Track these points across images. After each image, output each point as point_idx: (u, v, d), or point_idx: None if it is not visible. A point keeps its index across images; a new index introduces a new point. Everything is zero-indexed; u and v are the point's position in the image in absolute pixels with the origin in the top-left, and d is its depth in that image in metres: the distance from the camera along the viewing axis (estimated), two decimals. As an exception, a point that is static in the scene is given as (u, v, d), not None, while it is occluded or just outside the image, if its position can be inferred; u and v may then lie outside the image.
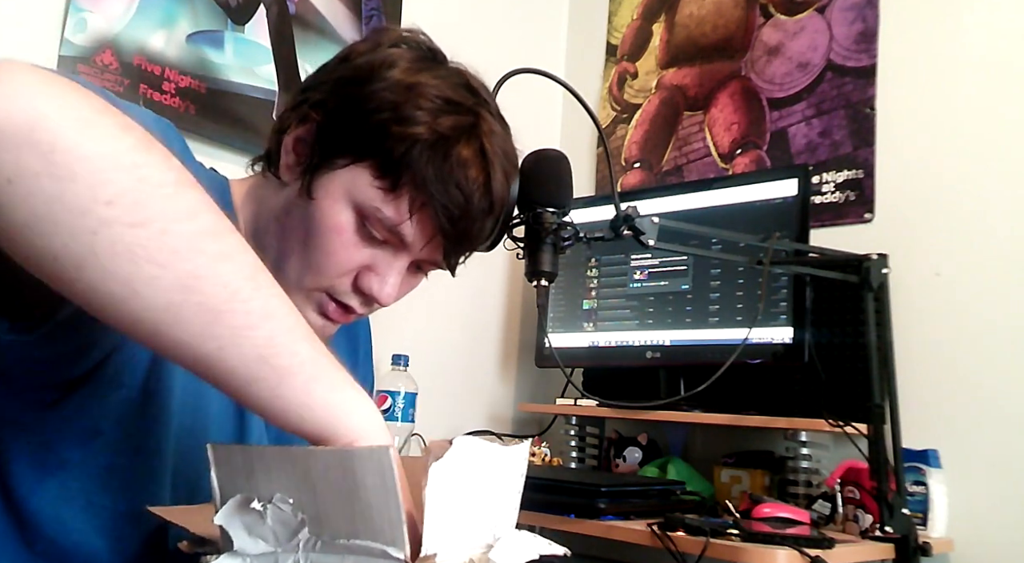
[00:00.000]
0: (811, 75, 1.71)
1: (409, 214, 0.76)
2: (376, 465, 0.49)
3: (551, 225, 0.90)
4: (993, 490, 1.38)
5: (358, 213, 0.77)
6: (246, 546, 0.54)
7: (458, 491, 0.53)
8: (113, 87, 1.33)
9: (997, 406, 1.40)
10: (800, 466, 1.41)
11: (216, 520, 0.54)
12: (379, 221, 0.77)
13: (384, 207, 0.76)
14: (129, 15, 1.36)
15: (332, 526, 0.51)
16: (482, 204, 0.78)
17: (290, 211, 0.79)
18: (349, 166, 0.77)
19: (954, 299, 1.47)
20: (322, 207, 0.77)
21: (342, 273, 0.79)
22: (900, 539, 1.08)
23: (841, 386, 1.41)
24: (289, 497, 0.52)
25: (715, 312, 1.54)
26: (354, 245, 0.78)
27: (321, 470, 0.51)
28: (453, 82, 0.79)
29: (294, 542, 0.52)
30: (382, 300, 0.80)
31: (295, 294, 0.79)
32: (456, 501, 0.53)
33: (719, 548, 1.09)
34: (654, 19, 2.02)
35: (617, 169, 2.00)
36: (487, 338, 1.96)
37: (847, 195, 1.62)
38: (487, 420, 1.91)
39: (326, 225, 0.77)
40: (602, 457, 1.76)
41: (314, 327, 0.82)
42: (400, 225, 0.77)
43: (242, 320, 0.52)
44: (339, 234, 0.77)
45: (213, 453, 0.55)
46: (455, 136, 0.76)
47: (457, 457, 0.52)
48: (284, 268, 0.79)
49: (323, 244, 0.77)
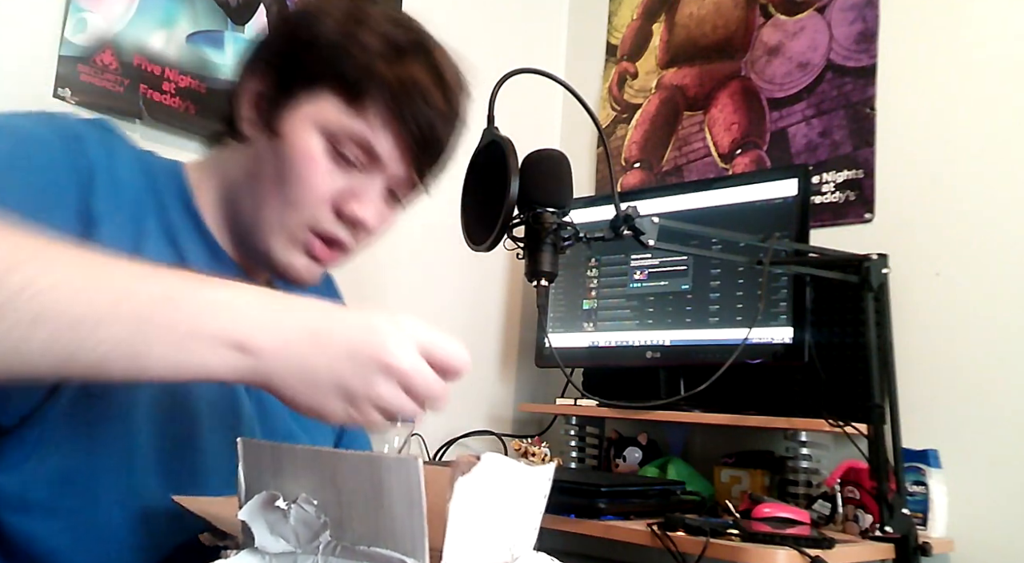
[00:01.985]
0: (811, 75, 1.71)
1: (378, 124, 0.78)
2: (404, 475, 0.49)
3: (551, 225, 0.90)
4: (993, 490, 1.38)
5: (328, 138, 0.79)
6: (267, 544, 0.54)
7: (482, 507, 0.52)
8: (113, 87, 1.33)
9: (997, 406, 1.40)
10: (800, 466, 1.41)
11: (240, 515, 0.54)
12: (349, 139, 0.79)
13: (352, 124, 0.79)
14: (129, 15, 1.36)
15: (354, 531, 0.52)
16: (444, 107, 0.81)
17: (259, 160, 0.81)
18: (310, 96, 0.79)
19: (954, 299, 1.47)
20: (291, 140, 0.79)
21: (322, 201, 0.80)
22: (900, 539, 1.08)
23: (841, 386, 1.41)
24: (314, 498, 0.52)
25: (715, 312, 1.54)
26: (329, 171, 0.80)
27: (348, 474, 0.51)
28: (392, 10, 0.84)
29: (315, 544, 0.53)
30: (368, 223, 0.82)
31: (278, 238, 0.81)
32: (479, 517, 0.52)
33: (719, 548, 1.09)
34: (654, 19, 2.02)
35: (617, 169, 2.00)
36: (487, 338, 1.96)
37: (847, 195, 1.62)
38: (487, 420, 1.91)
39: (297, 155, 0.79)
40: (602, 457, 1.76)
41: (299, 270, 0.84)
42: (370, 138, 0.79)
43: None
44: (311, 161, 0.79)
45: (242, 448, 0.55)
46: (410, 48, 0.80)
47: (484, 473, 0.52)
48: (264, 215, 0.81)
49: (298, 175, 0.79)
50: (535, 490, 0.59)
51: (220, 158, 0.87)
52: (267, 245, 0.82)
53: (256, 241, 0.82)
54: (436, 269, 1.80)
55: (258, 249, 0.83)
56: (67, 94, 1.28)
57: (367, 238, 0.85)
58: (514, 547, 0.56)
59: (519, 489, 0.57)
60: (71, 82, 1.29)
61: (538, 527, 0.59)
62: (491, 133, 0.92)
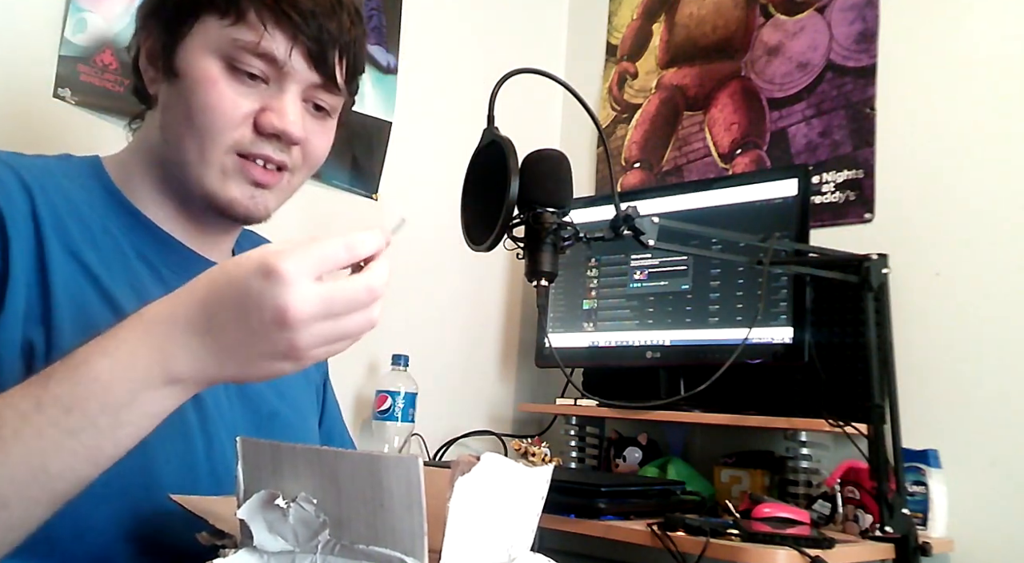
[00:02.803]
0: (811, 75, 1.71)
1: (263, 27, 0.78)
2: (404, 475, 0.49)
3: (551, 225, 0.90)
4: (993, 490, 1.38)
5: (222, 58, 0.79)
6: (265, 543, 0.54)
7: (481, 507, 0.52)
8: (113, 87, 1.33)
9: (997, 406, 1.40)
10: (800, 466, 1.41)
11: (238, 514, 0.54)
12: (243, 50, 0.78)
13: (239, 33, 0.78)
14: (129, 15, 1.36)
15: (353, 530, 0.51)
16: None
17: (167, 108, 0.81)
18: (195, 26, 0.79)
19: (954, 299, 1.47)
20: (188, 74, 0.79)
21: (236, 123, 0.79)
22: (900, 539, 1.08)
23: (841, 386, 1.41)
24: (313, 497, 0.52)
25: (715, 312, 1.54)
26: (234, 91, 0.79)
27: (348, 473, 0.51)
28: None
29: (313, 543, 0.53)
30: (291, 132, 0.80)
31: (209, 172, 0.80)
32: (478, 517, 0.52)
33: (719, 548, 1.09)
34: (654, 19, 2.02)
35: (617, 169, 2.00)
36: (487, 338, 1.96)
37: (847, 195, 1.62)
38: (487, 420, 1.91)
39: (199, 83, 0.78)
40: (602, 457, 1.76)
41: (244, 201, 0.82)
42: (261, 42, 0.78)
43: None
44: (213, 84, 0.78)
45: (241, 447, 0.55)
46: None
47: (484, 473, 0.52)
48: (187, 157, 0.80)
49: (204, 101, 0.78)
50: (533, 491, 0.59)
51: (141, 132, 0.87)
52: (202, 186, 0.80)
53: (192, 187, 0.81)
54: (436, 269, 1.80)
55: (197, 195, 0.81)
56: (67, 94, 1.28)
57: (307, 156, 0.84)
58: (512, 547, 0.56)
59: (518, 490, 0.57)
60: (71, 82, 1.29)
61: (535, 528, 0.59)
62: (491, 133, 0.92)
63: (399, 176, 1.76)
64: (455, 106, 1.85)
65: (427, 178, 1.80)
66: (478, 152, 0.94)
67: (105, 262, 0.77)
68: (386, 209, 1.72)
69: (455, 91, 1.87)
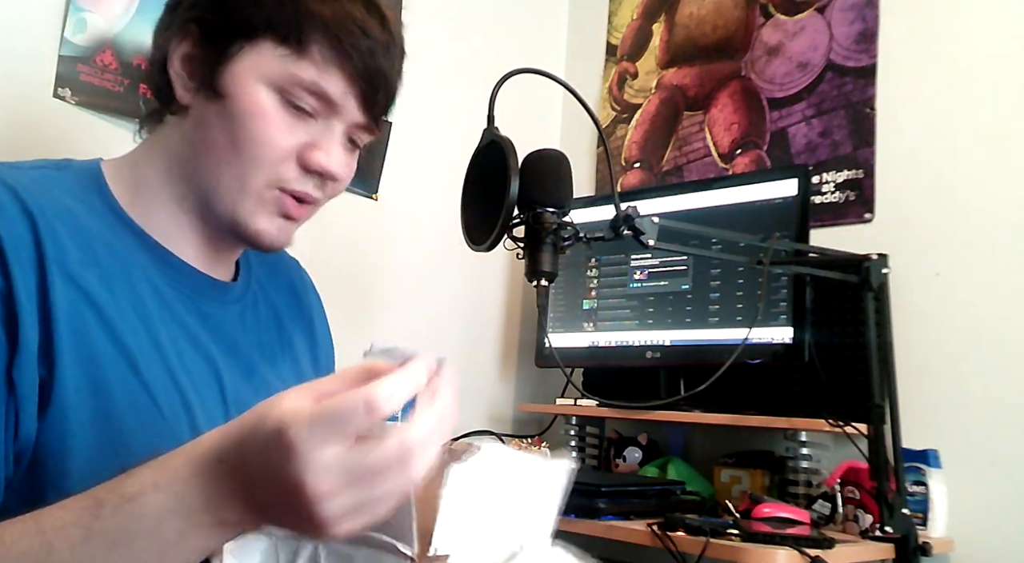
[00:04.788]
0: (811, 75, 1.71)
1: (324, 65, 0.75)
2: None
3: (551, 225, 0.91)
4: (993, 490, 1.38)
5: (277, 90, 0.76)
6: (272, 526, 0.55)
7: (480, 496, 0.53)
8: (113, 87, 1.33)
9: (997, 406, 1.40)
10: (800, 466, 1.41)
11: None
12: (300, 86, 0.76)
13: (299, 70, 0.75)
14: (129, 15, 1.36)
15: None
16: (383, 36, 0.79)
17: (204, 125, 0.77)
18: (247, 48, 0.76)
19: (954, 299, 1.47)
20: (237, 98, 0.75)
21: (283, 157, 0.77)
22: (900, 539, 1.08)
23: (841, 386, 1.41)
24: None
25: (715, 312, 1.54)
26: (285, 125, 0.77)
27: None
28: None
29: None
30: (336, 172, 0.79)
31: (245, 202, 0.77)
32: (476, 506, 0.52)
33: (719, 548, 1.10)
34: (654, 19, 2.02)
35: (617, 169, 2.00)
36: (487, 338, 1.96)
37: (847, 195, 1.62)
38: (487, 420, 1.91)
39: (249, 112, 0.75)
40: (602, 457, 1.76)
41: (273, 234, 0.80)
42: (320, 81, 0.76)
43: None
44: (265, 117, 0.76)
45: None
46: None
47: (481, 462, 0.52)
48: (222, 183, 0.77)
49: (253, 133, 0.76)
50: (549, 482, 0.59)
51: (158, 138, 0.82)
52: (233, 214, 0.78)
53: (219, 212, 0.79)
54: (436, 269, 1.80)
55: (223, 220, 0.79)
56: (67, 94, 1.28)
57: (334, 189, 0.83)
58: (524, 538, 0.56)
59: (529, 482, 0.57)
60: (71, 82, 1.29)
61: (555, 519, 0.59)
62: (491, 133, 0.93)
63: (399, 176, 1.76)
64: (455, 106, 1.85)
65: (427, 178, 1.79)
66: (478, 152, 0.94)
67: (107, 283, 0.73)
68: (386, 209, 1.72)
69: (455, 91, 1.87)
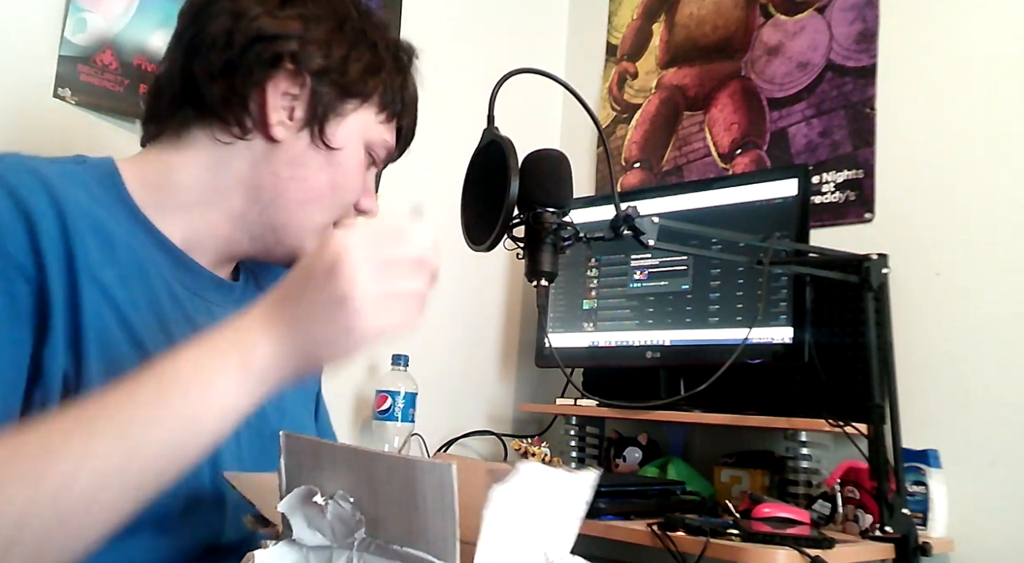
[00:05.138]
0: (811, 75, 1.71)
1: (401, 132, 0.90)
2: (437, 480, 0.50)
3: (551, 225, 0.90)
4: (993, 490, 1.38)
5: (367, 148, 0.88)
6: (304, 537, 0.55)
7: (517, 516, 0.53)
8: (113, 87, 1.33)
9: (997, 406, 1.40)
10: (800, 466, 1.41)
11: (279, 508, 0.56)
12: (383, 148, 0.89)
13: (389, 136, 0.89)
14: (129, 15, 1.36)
15: (388, 530, 0.52)
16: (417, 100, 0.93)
17: (302, 165, 0.84)
18: (359, 109, 0.85)
19: (954, 299, 1.47)
20: (342, 152, 0.85)
21: (354, 203, 0.89)
22: (900, 539, 1.08)
23: (841, 386, 1.41)
24: (351, 496, 0.53)
25: (715, 312, 1.54)
26: (363, 177, 0.89)
27: (384, 475, 0.52)
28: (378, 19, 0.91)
29: (350, 540, 0.54)
30: (375, 213, 0.92)
31: (311, 236, 0.86)
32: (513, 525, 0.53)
33: (719, 548, 1.09)
34: (654, 19, 2.02)
35: (617, 169, 2.00)
36: (487, 338, 1.96)
37: (847, 195, 1.62)
38: (487, 420, 1.91)
39: (352, 168, 0.86)
40: (602, 457, 1.76)
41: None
42: (394, 145, 0.90)
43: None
44: (357, 172, 0.87)
45: (285, 441, 0.57)
46: (406, 61, 0.91)
47: (521, 482, 0.52)
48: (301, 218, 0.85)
49: (349, 185, 0.87)
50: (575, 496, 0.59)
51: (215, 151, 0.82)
52: (299, 245, 0.86)
53: (283, 238, 0.85)
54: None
55: (281, 245, 0.86)
56: (67, 94, 1.28)
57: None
58: (549, 551, 0.57)
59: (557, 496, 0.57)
60: (71, 82, 1.29)
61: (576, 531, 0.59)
62: (491, 133, 0.92)
63: (399, 176, 1.76)
64: (455, 106, 1.85)
65: (427, 178, 1.79)
66: (478, 152, 0.94)
67: (125, 282, 0.74)
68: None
69: (455, 91, 1.87)
